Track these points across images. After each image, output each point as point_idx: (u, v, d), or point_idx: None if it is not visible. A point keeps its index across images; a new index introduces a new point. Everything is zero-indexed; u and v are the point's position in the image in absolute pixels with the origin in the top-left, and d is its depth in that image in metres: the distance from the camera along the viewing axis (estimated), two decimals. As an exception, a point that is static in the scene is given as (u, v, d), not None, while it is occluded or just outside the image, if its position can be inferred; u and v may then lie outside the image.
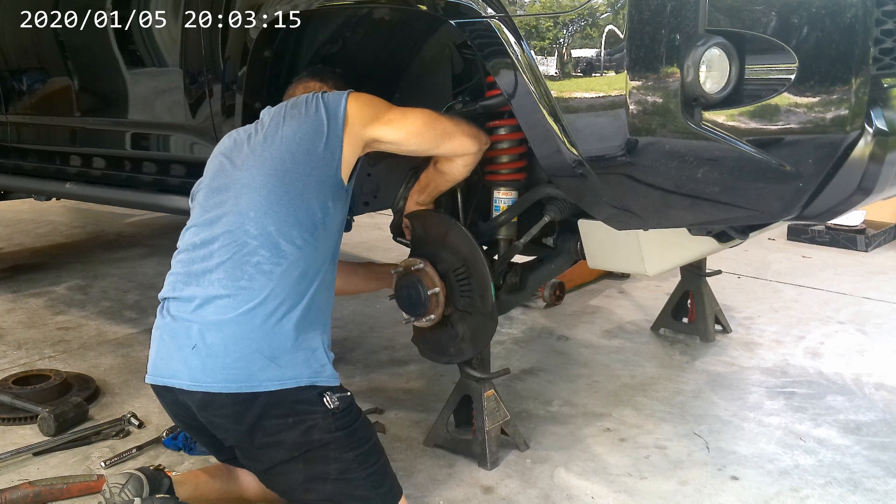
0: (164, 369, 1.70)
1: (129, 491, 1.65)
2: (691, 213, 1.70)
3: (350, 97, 1.85)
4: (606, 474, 2.17)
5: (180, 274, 1.78)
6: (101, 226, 5.54)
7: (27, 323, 3.44)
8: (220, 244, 1.74)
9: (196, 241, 1.79)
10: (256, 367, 1.64)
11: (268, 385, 1.64)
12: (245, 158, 1.84)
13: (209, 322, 1.66)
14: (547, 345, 3.15)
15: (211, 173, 1.91)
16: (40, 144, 3.29)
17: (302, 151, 1.79)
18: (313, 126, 1.81)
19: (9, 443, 2.36)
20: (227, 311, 1.66)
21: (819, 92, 1.52)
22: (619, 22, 1.54)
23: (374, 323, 3.39)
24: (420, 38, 2.26)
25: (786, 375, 2.81)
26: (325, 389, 1.70)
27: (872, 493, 2.07)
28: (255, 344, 1.65)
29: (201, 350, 1.65)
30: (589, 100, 1.60)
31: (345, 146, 1.81)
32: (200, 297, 1.70)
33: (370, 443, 1.76)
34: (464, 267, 2.06)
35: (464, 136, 1.95)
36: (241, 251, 1.71)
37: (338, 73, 2.14)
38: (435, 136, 1.91)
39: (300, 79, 2.12)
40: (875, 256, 4.47)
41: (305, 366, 1.69)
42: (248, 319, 1.65)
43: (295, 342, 1.68)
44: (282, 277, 1.69)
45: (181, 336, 1.68)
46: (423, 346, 2.24)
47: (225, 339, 1.65)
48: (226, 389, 1.63)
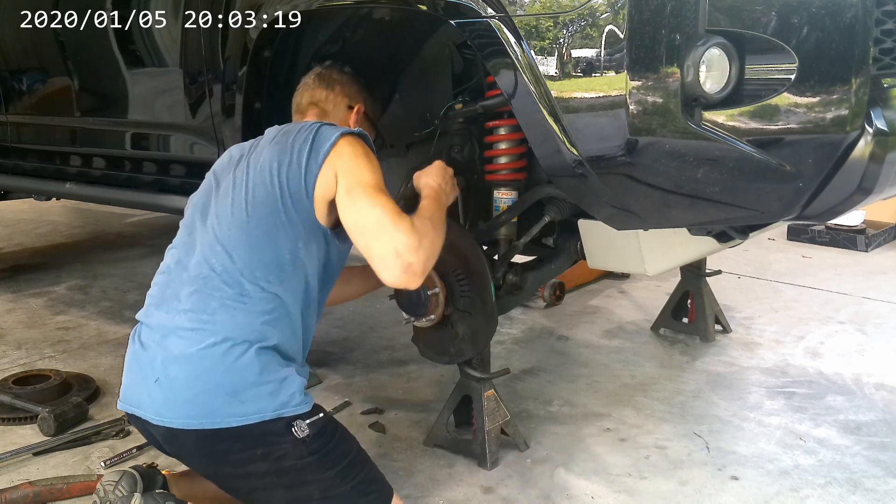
0: (132, 398, 1.67)
1: (122, 487, 1.65)
2: (691, 213, 1.70)
3: (341, 141, 1.69)
4: (606, 474, 2.17)
5: (154, 297, 1.74)
6: (101, 226, 5.54)
7: (27, 323, 3.44)
8: (191, 274, 1.68)
9: (171, 265, 1.75)
10: (218, 403, 1.58)
11: (230, 421, 1.58)
12: (227, 183, 1.77)
13: (172, 355, 1.61)
14: (547, 345, 3.15)
15: (201, 191, 1.85)
16: (40, 144, 3.29)
17: (275, 185, 1.68)
18: (292, 159, 1.70)
19: (9, 443, 2.35)
20: (189, 345, 1.60)
21: (819, 92, 1.52)
22: (619, 22, 1.54)
23: (374, 323, 3.39)
24: (420, 38, 2.26)
25: (786, 375, 2.81)
26: (293, 419, 1.62)
27: (872, 493, 2.07)
28: (215, 379, 1.58)
29: (164, 383, 1.60)
30: (589, 100, 1.60)
31: (318, 187, 1.67)
32: (167, 326, 1.65)
33: (349, 456, 1.70)
34: (464, 267, 2.06)
35: (390, 258, 1.57)
36: (207, 284, 1.65)
37: (347, 72, 2.08)
38: (365, 243, 1.61)
39: (306, 86, 2.05)
40: (875, 256, 4.47)
41: (271, 399, 1.60)
42: (209, 354, 1.59)
43: (259, 376, 1.60)
44: (245, 315, 1.62)
45: (146, 366, 1.64)
46: (423, 346, 2.24)
47: (187, 373, 1.59)
48: (187, 426, 1.58)
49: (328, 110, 2.01)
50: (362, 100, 2.07)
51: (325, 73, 2.06)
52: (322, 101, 2.01)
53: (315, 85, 2.03)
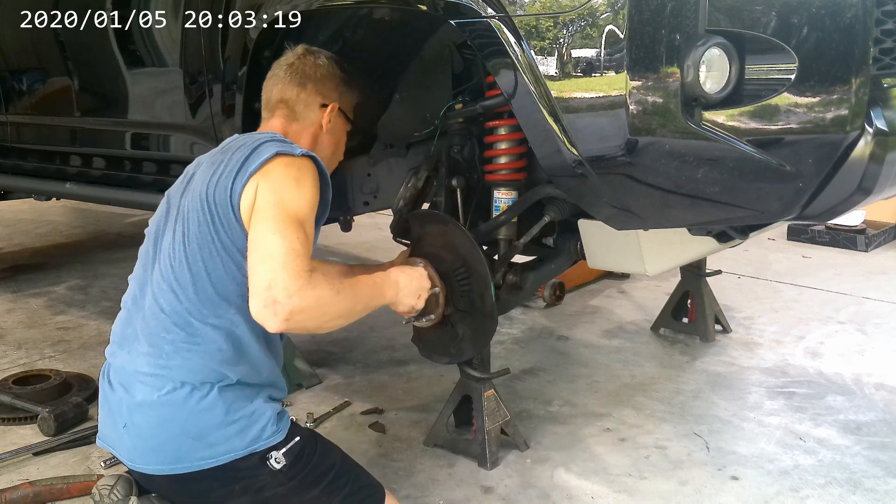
0: (107, 437, 1.64)
1: (117, 492, 1.64)
2: (691, 213, 1.70)
3: (276, 160, 1.55)
4: (606, 474, 2.17)
5: (117, 335, 1.67)
6: (101, 226, 5.54)
7: (27, 323, 3.44)
8: (145, 314, 1.59)
9: (129, 302, 1.67)
10: (185, 449, 1.52)
11: (200, 464, 1.52)
12: (174, 211, 1.64)
13: (136, 401, 1.55)
14: (547, 345, 3.15)
15: (156, 217, 1.71)
16: (40, 144, 3.29)
17: (205, 210, 1.56)
18: (220, 178, 1.55)
19: (9, 443, 2.36)
20: (151, 392, 1.54)
21: (819, 92, 1.52)
22: (619, 22, 1.54)
23: (374, 323, 3.39)
24: (420, 38, 2.26)
25: (786, 375, 2.81)
26: (267, 451, 1.55)
27: (872, 493, 2.07)
28: (179, 426, 1.52)
29: (131, 430, 1.57)
30: (589, 100, 1.60)
31: (243, 208, 1.53)
32: (127, 370, 1.59)
33: (333, 470, 1.63)
34: (464, 267, 2.06)
35: (276, 291, 1.42)
36: (159, 326, 1.56)
37: (322, 63, 1.86)
38: (250, 264, 1.47)
39: (276, 78, 1.84)
40: (875, 256, 4.47)
41: (240, 437, 1.53)
42: (170, 400, 1.53)
43: (225, 416, 1.53)
44: (201, 357, 1.54)
45: (115, 409, 1.60)
46: (423, 346, 2.23)
47: (150, 421, 1.54)
48: (158, 472, 1.55)
49: (298, 111, 1.83)
50: (338, 95, 1.88)
51: (297, 66, 1.85)
52: (292, 99, 1.83)
53: (286, 79, 1.83)
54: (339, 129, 1.92)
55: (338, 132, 1.92)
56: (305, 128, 1.84)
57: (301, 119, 1.84)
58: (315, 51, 1.89)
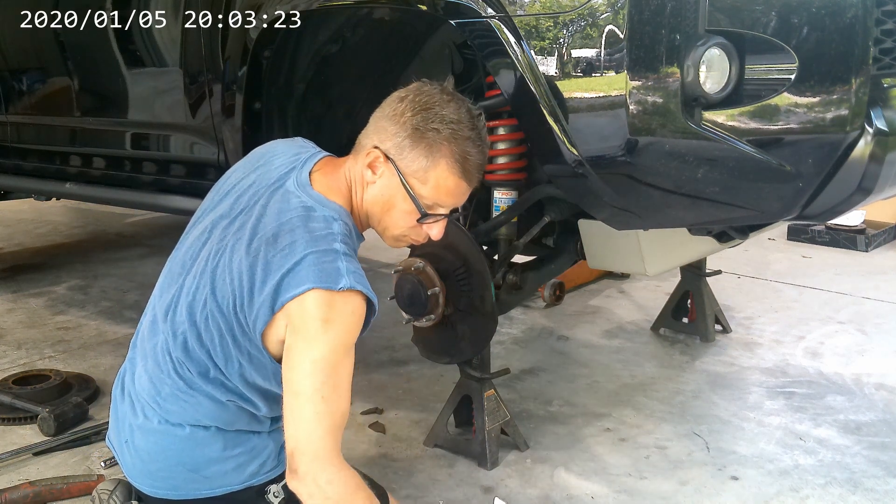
0: (112, 442, 1.64)
1: (117, 497, 1.64)
2: (691, 213, 1.70)
3: (310, 295, 1.36)
4: (606, 474, 2.17)
5: (136, 348, 1.61)
6: (101, 226, 5.53)
7: (27, 323, 3.44)
8: (156, 346, 1.54)
9: (149, 320, 1.59)
10: (180, 480, 1.52)
11: (196, 494, 1.52)
12: (207, 252, 1.52)
13: (138, 423, 1.54)
14: (547, 345, 3.15)
15: (193, 233, 1.60)
16: (40, 144, 3.29)
17: (229, 312, 1.45)
18: (251, 292, 1.42)
19: (9, 443, 2.35)
20: (150, 419, 1.52)
21: (819, 92, 1.52)
22: (619, 22, 1.54)
23: (374, 323, 3.38)
24: (420, 38, 2.26)
25: (786, 375, 2.81)
26: (265, 485, 1.53)
27: (872, 493, 2.07)
28: (176, 457, 1.51)
29: (132, 448, 1.56)
30: (589, 100, 1.60)
31: (268, 339, 1.44)
32: (137, 387, 1.55)
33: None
34: (464, 267, 2.06)
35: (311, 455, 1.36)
36: (159, 368, 1.52)
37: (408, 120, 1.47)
38: (288, 405, 1.39)
39: (374, 124, 1.52)
40: (875, 256, 4.47)
41: (237, 472, 1.52)
42: (168, 432, 1.51)
43: (223, 452, 1.51)
44: (195, 409, 1.50)
45: (121, 422, 1.59)
46: (423, 346, 2.24)
47: (148, 447, 1.53)
48: (154, 494, 1.54)
49: (352, 170, 1.55)
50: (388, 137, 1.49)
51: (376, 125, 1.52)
52: (352, 157, 1.56)
53: (367, 133, 1.53)
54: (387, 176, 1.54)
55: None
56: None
57: (352, 174, 1.55)
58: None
